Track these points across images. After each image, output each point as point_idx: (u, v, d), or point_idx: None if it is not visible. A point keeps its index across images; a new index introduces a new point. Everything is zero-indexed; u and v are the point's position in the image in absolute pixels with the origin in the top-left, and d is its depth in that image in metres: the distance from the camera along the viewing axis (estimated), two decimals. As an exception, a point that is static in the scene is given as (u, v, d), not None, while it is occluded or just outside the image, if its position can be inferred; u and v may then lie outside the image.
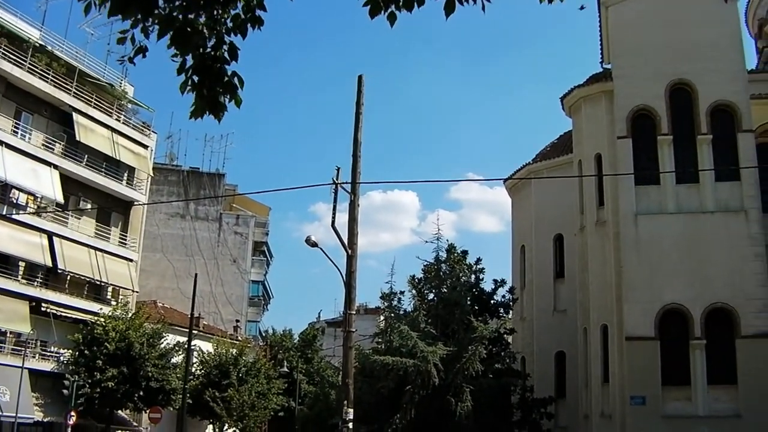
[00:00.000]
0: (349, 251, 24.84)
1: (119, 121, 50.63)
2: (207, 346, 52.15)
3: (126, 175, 51.39)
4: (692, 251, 33.84)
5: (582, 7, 12.64)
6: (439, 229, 39.48)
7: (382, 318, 46.18)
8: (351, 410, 24.03)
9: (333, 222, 25.04)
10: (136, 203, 51.55)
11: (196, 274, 44.55)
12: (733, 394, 32.69)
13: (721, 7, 35.61)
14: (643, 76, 35.94)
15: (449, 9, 7.43)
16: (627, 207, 34.73)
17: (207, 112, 7.60)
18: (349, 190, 25.08)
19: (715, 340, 33.33)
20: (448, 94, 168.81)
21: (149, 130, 54.23)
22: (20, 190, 43.13)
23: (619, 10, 37.39)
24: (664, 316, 33.53)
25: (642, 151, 35.50)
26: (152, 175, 56.15)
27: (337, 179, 24.71)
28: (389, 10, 7.45)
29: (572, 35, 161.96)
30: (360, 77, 25.88)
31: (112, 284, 48.34)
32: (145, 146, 52.98)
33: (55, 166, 44.48)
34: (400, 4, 7.44)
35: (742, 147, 34.91)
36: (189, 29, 7.04)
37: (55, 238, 43.95)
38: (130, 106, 53.17)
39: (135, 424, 47.47)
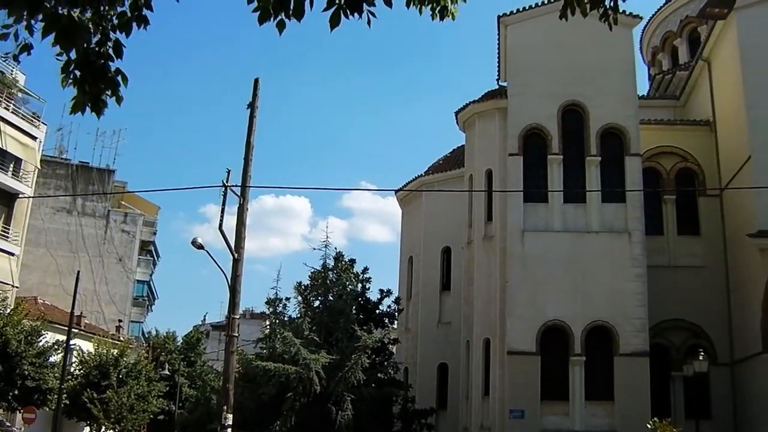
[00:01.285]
0: (236, 255, 24.67)
1: (8, 110, 49.23)
2: (88, 346, 50.99)
3: (12, 166, 49.99)
4: (576, 269, 34.56)
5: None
6: (327, 237, 39.55)
7: (267, 323, 45.91)
8: (230, 415, 23.82)
9: (221, 224, 24.88)
10: (21, 196, 50.19)
11: (78, 272, 43.59)
12: (610, 410, 33.48)
13: (616, 33, 36.15)
14: (537, 95, 36.62)
15: (334, 22, 7.45)
16: (515, 223, 35.27)
17: (88, 108, 7.47)
18: (239, 193, 24.94)
19: (594, 357, 34.10)
20: (344, 101, 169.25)
21: (39, 121, 52.89)
22: None
23: (518, 29, 38.02)
24: (546, 331, 34.13)
25: (532, 169, 36.12)
26: (40, 167, 54.71)
27: (227, 182, 24.54)
28: (279, 18, 7.43)
29: (472, 50, 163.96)
30: (256, 80, 25.77)
31: (-10, 278, 46.95)
32: (34, 137, 51.66)
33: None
34: (290, 12, 7.43)
35: (630, 170, 35.86)
36: (74, 25, 6.89)
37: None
38: (20, 95, 51.77)
39: (8, 424, 46.08)
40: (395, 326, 44.84)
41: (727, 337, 36.90)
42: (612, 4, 8.54)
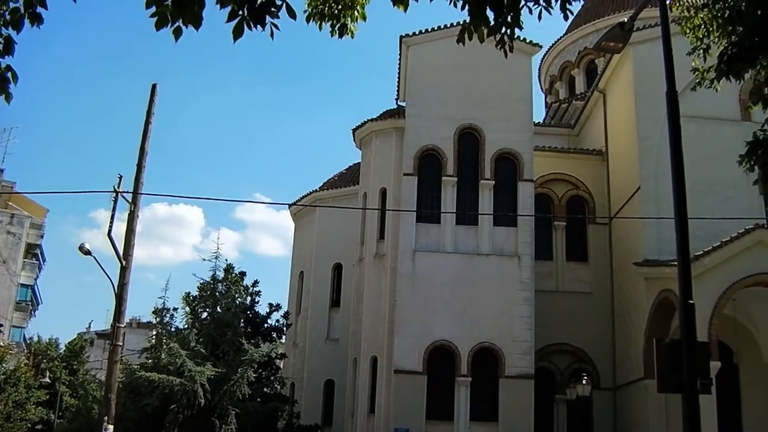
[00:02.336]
0: (124, 262, 24.17)
1: None
2: (-36, 350, 49.36)
3: None
4: (465, 291, 34.76)
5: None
6: (218, 248, 38.99)
7: (153, 333, 45.11)
8: (111, 426, 23.29)
9: (110, 231, 24.29)
10: None
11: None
12: (494, 430, 33.70)
13: (515, 60, 36.82)
14: (435, 117, 36.83)
15: (237, 33, 7.33)
16: (406, 243, 35.33)
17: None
18: (130, 200, 24.46)
19: (480, 378, 34.27)
20: (243, 112, 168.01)
21: None
22: None
23: (419, 50, 38.21)
24: (433, 351, 34.22)
25: (426, 189, 36.30)
26: None
27: (118, 187, 24.05)
28: (176, 25, 7.26)
29: (374, 68, 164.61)
30: (154, 86, 25.38)
31: None
32: None
33: None
34: (187, 19, 7.26)
35: (522, 195, 36.34)
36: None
37: None
38: None
39: None
40: (283, 341, 44.56)
41: (611, 362, 37.62)
42: (508, 32, 8.58)
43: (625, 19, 17.40)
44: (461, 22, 8.78)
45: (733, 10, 10.40)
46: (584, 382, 33.82)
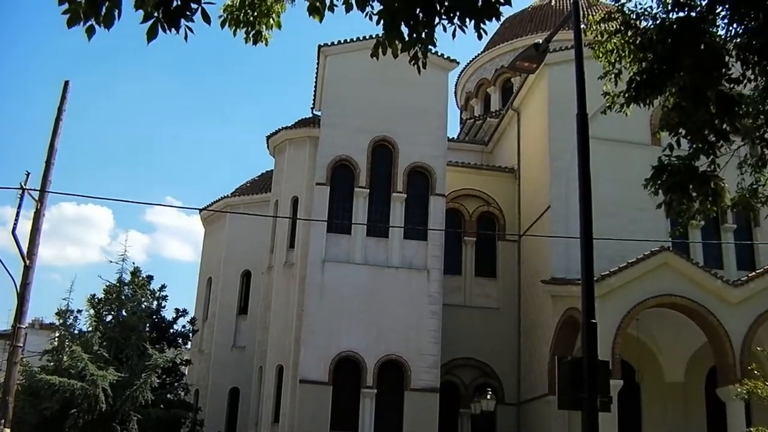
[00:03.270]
0: (27, 261, 23.59)
1: None
2: None
3: None
4: (373, 303, 34.78)
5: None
6: (126, 250, 38.33)
7: (56, 335, 44.20)
8: (8, 430, 22.71)
9: (14, 229, 23.71)
10: None
11: None
12: (397, 443, 33.84)
13: (432, 75, 37.22)
14: (350, 128, 36.83)
15: (151, 35, 7.22)
16: (316, 253, 35.23)
17: None
18: (37, 198, 23.93)
19: (386, 390, 34.33)
20: (158, 113, 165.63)
21: None
22: None
23: (337, 60, 38.21)
24: (339, 362, 34.14)
25: (338, 200, 36.26)
26: None
27: (25, 185, 23.50)
28: (88, 23, 7.12)
29: (291, 76, 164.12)
30: (66, 83, 24.85)
31: None
32: None
33: None
34: (100, 18, 7.13)
35: (433, 209, 36.56)
36: None
37: None
38: None
39: None
40: (189, 347, 43.97)
41: (516, 378, 38.05)
42: (422, 49, 8.62)
43: (541, 41, 17.59)
44: (377, 36, 8.79)
45: (645, 38, 10.60)
46: (489, 396, 34.07)
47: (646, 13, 10.93)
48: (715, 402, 32.81)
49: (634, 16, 11.15)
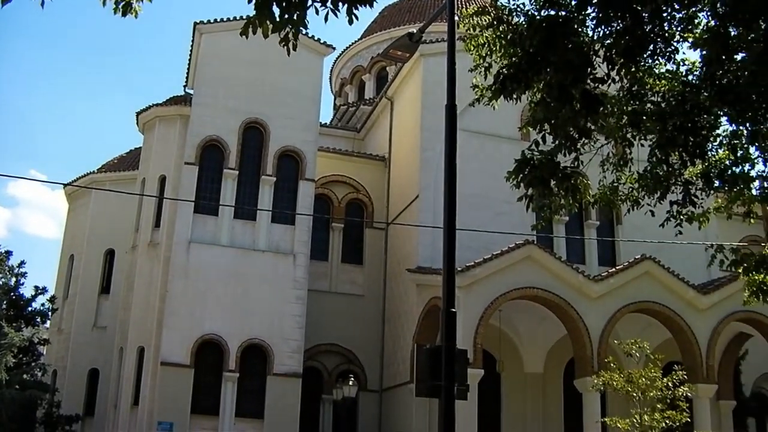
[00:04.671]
0: None
1: None
2: None
3: None
4: (238, 286, 34.48)
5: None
6: (-16, 226, 37.19)
7: None
8: None
9: None
10: None
11: None
12: (259, 427, 33.60)
13: (307, 58, 37.21)
14: (222, 108, 36.38)
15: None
16: (182, 233, 34.67)
17: None
18: None
19: (248, 374, 34.16)
20: (23, 84, 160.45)
21: None
22: None
23: (212, 39, 37.59)
24: (202, 345, 33.73)
25: (207, 180, 35.74)
26: None
27: None
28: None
29: (165, 52, 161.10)
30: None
31: None
32: None
33: None
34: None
35: (302, 194, 36.47)
36: None
37: None
38: None
39: None
40: (47, 326, 42.85)
41: (379, 365, 38.28)
42: (293, 30, 8.52)
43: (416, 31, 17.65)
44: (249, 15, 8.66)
45: (515, 33, 10.71)
46: (351, 383, 34.18)
47: (518, 9, 11.04)
48: (572, 393, 33.69)
49: (507, 12, 11.25)
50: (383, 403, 37.76)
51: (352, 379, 34.52)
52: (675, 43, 10.77)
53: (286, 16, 8.38)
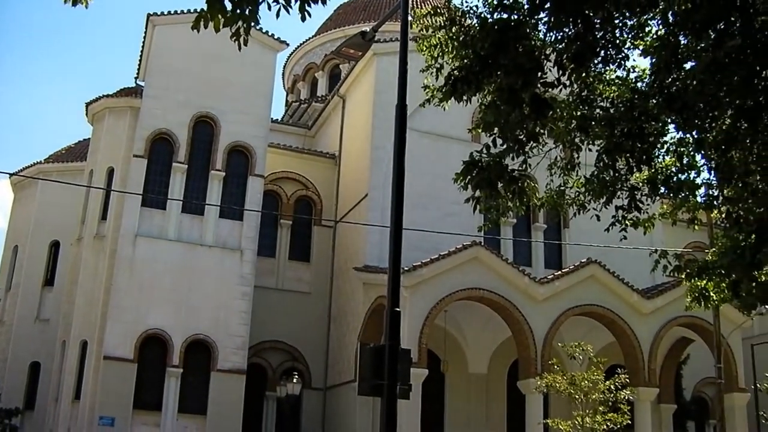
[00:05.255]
0: None
1: None
2: None
3: None
4: (184, 281, 34.26)
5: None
6: None
7: None
8: None
9: None
10: None
11: None
12: (201, 424, 33.43)
13: (260, 54, 37.11)
14: (172, 101, 36.09)
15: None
16: (129, 226, 34.31)
17: None
18: None
19: (192, 370, 33.95)
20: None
21: None
22: None
23: (165, 31, 37.24)
24: (146, 340, 33.43)
25: (156, 174, 35.43)
26: None
27: None
28: None
29: (122, 44, 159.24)
30: None
31: None
32: None
33: None
34: None
35: (251, 190, 36.35)
36: None
37: None
38: None
39: None
40: (-12, 317, 42.29)
41: (324, 363, 38.22)
42: (245, 25, 8.48)
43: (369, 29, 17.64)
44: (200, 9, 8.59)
45: (468, 35, 10.73)
46: (295, 380, 34.08)
47: (471, 11, 11.06)
48: (515, 394, 33.88)
49: (460, 14, 11.27)
50: (327, 401, 37.71)
51: (297, 376, 34.43)
52: (626, 50, 10.87)
53: (238, 10, 8.34)
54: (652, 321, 34.53)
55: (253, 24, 8.56)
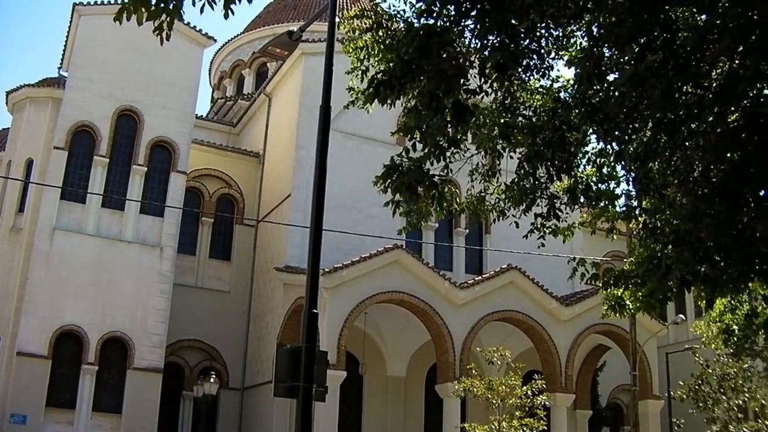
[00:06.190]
0: None
1: None
2: None
3: None
4: (102, 277, 33.70)
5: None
6: None
7: None
8: None
9: None
10: None
11: None
12: (116, 423, 32.95)
13: (186, 49, 36.75)
14: (96, 93, 35.49)
15: None
16: (46, 219, 33.64)
17: None
18: None
19: (108, 368, 33.46)
20: None
21: None
22: None
23: (91, 22, 36.59)
24: (61, 336, 32.82)
25: (76, 167, 34.78)
26: None
27: None
28: None
29: (44, 32, 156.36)
30: None
31: None
32: None
33: None
34: None
35: (173, 186, 35.97)
36: None
37: None
38: None
39: None
40: None
41: (242, 363, 37.96)
42: (168, 20, 8.37)
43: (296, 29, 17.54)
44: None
45: (393, 39, 10.74)
46: (212, 380, 33.78)
47: (398, 15, 11.06)
48: (433, 397, 34.09)
49: (387, 17, 11.26)
50: (245, 401, 37.50)
51: (214, 376, 34.13)
52: (550, 60, 10.97)
53: (162, 4, 8.23)
54: (569, 328, 34.98)
55: (177, 19, 8.47)
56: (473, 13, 9.69)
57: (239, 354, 38.18)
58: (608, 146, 11.57)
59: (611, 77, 10.44)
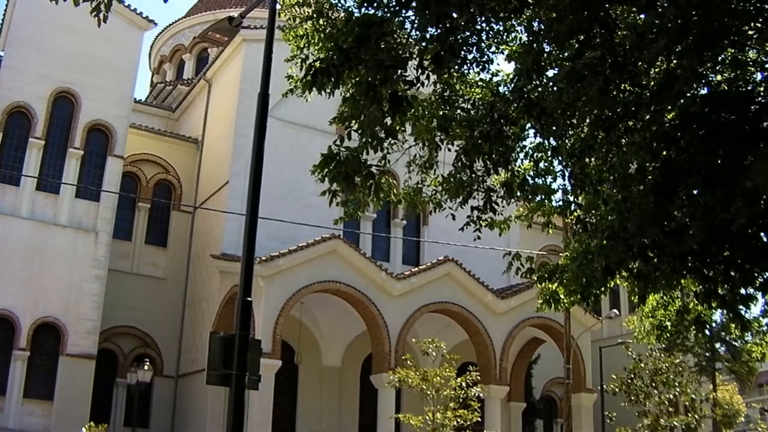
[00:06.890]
0: None
1: None
2: None
3: None
4: (36, 261, 33.10)
5: None
6: None
7: None
8: None
9: None
10: None
11: None
12: (48, 410, 32.38)
13: (126, 31, 36.28)
14: (32, 74, 34.79)
15: None
16: (-22, 202, 33.12)
17: None
18: None
19: (40, 354, 32.89)
20: None
21: None
22: None
23: (28, 1, 35.79)
24: (-10, 319, 32.34)
25: (10, 149, 34.06)
26: None
27: None
28: None
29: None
30: None
31: None
32: None
33: None
34: None
35: (110, 170, 35.46)
36: None
37: None
38: None
39: None
40: None
41: (177, 350, 37.69)
42: (105, 1, 8.26)
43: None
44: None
45: (334, 27, 10.70)
46: (146, 367, 33.46)
47: (338, 4, 11.02)
48: (368, 388, 34.11)
49: (328, 6, 11.21)
50: (179, 389, 37.24)
51: (148, 363, 33.83)
52: (490, 54, 11.00)
53: (98, -15, 8.11)
54: (505, 321, 35.26)
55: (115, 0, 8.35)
56: (413, 4, 9.69)
57: (174, 341, 37.88)
58: (545, 141, 11.65)
59: (550, 73, 10.51)
